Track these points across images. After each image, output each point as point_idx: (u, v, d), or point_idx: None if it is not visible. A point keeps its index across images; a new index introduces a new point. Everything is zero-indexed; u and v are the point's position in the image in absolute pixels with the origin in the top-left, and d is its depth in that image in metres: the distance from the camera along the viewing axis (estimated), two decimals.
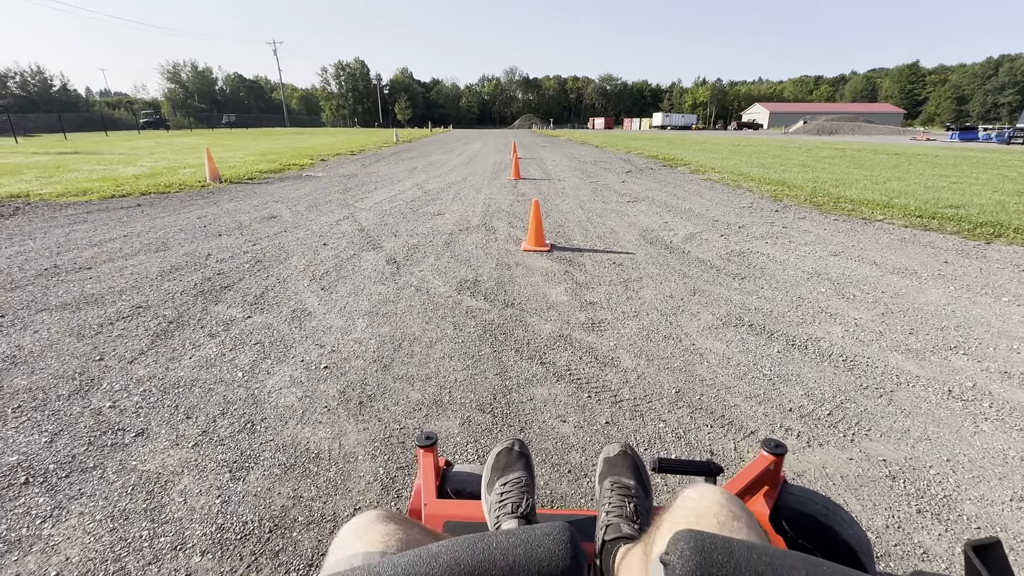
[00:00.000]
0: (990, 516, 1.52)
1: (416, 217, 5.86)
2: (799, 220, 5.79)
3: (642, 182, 9.13)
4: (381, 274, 3.78)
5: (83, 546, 1.41)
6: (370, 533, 0.55)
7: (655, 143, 23.02)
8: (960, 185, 8.59)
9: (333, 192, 7.75)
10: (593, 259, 4.20)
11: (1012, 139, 28.48)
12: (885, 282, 3.64)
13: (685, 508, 0.61)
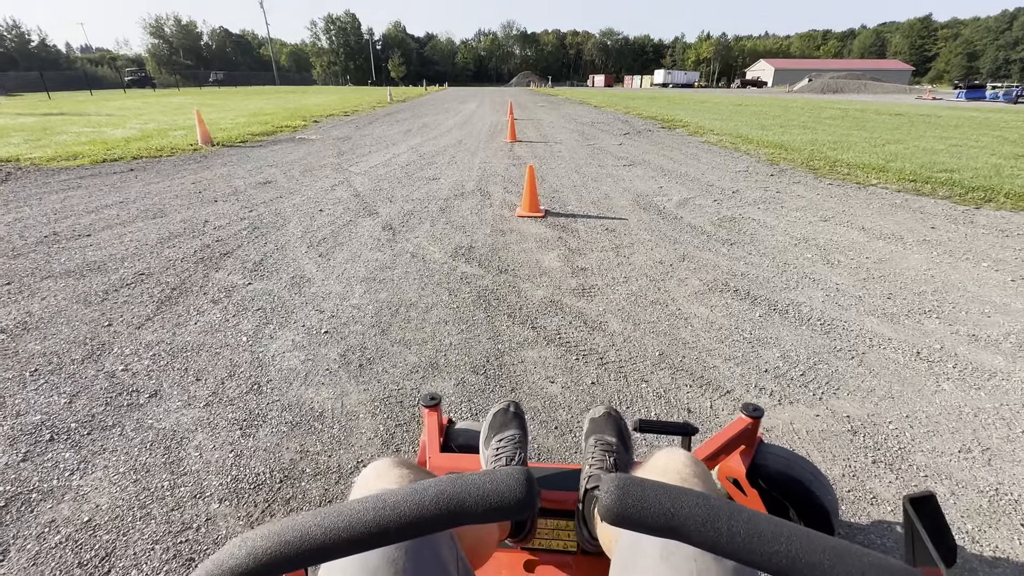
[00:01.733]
0: (938, 466, 1.67)
1: (411, 182, 5.85)
2: (793, 185, 5.81)
3: (639, 145, 9.04)
4: (377, 240, 3.84)
5: (110, 495, 1.55)
6: (388, 474, 0.65)
7: (655, 103, 22.53)
8: (959, 148, 8.54)
9: (327, 156, 7.68)
10: (586, 225, 4.26)
11: (1019, 98, 27.91)
12: (870, 248, 3.73)
13: (655, 465, 0.71)
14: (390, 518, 0.35)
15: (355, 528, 0.35)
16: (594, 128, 11.97)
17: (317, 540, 0.35)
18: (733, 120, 13.32)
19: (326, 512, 0.36)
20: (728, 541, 0.31)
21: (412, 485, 0.37)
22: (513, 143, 9.18)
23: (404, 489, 0.36)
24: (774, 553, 0.30)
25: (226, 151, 8.10)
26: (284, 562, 0.34)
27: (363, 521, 0.35)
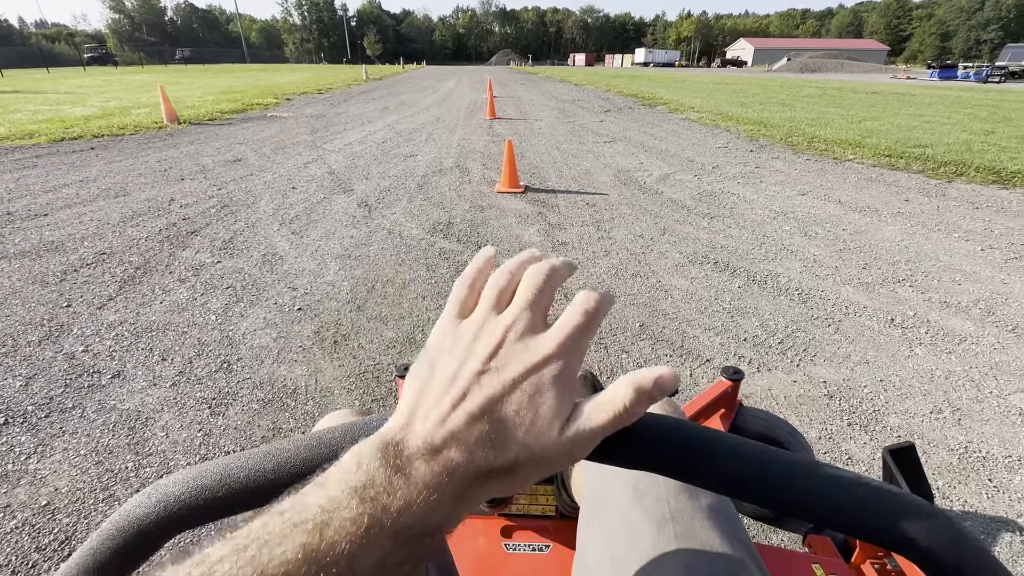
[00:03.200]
0: (910, 426, 1.70)
1: (388, 159, 5.70)
2: (772, 160, 5.84)
3: (620, 122, 8.97)
4: (353, 217, 3.74)
5: (70, 478, 1.48)
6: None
7: (636, 81, 22.37)
8: (932, 125, 8.68)
9: (301, 133, 7.43)
10: (567, 200, 4.20)
11: (989, 78, 28.52)
12: (847, 220, 3.77)
13: None
14: (325, 457, 0.29)
15: (284, 469, 0.29)
16: (575, 106, 11.83)
17: (240, 483, 0.29)
18: (713, 98, 13.31)
19: (252, 453, 0.31)
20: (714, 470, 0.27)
21: (355, 420, 0.31)
22: (492, 120, 9.01)
23: (345, 425, 0.30)
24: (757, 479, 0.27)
25: (193, 129, 7.77)
26: (203, 509, 0.29)
27: (294, 462, 0.30)
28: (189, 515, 0.30)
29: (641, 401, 0.25)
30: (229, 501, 0.30)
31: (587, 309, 0.27)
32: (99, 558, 0.30)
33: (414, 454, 0.24)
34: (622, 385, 0.26)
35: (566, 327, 0.27)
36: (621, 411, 0.25)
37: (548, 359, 0.26)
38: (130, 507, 0.30)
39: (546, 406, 0.25)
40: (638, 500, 0.49)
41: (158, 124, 7.94)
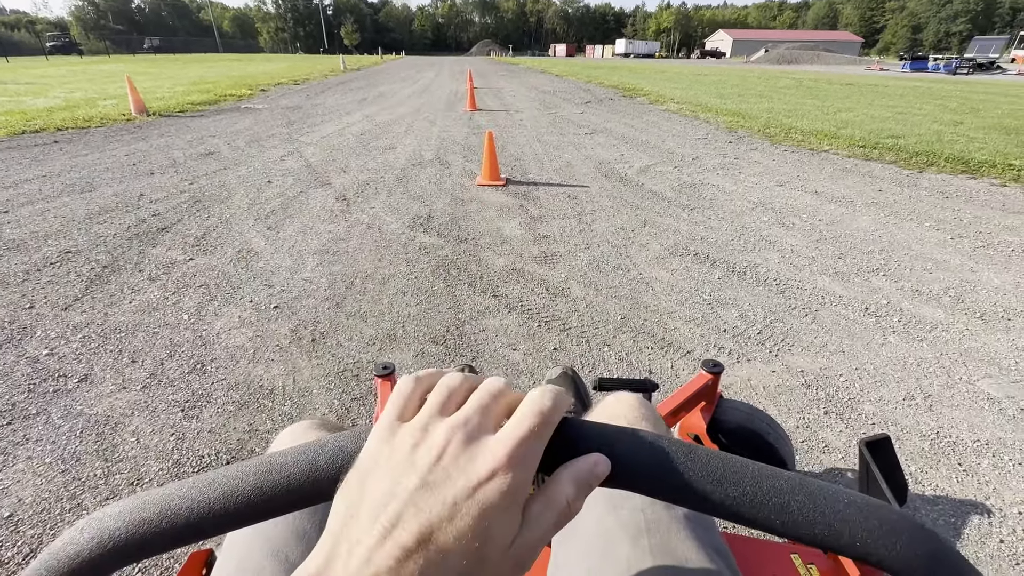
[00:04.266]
0: (884, 414, 1.73)
1: (366, 152, 5.60)
2: (751, 151, 5.90)
3: (601, 113, 8.96)
4: (331, 212, 3.66)
5: (35, 487, 1.42)
6: (305, 437, 0.59)
7: (617, 72, 22.38)
8: (904, 116, 8.88)
9: (276, 126, 7.25)
10: (548, 193, 4.19)
11: (958, 69, 29.28)
12: (823, 211, 3.83)
13: (604, 409, 0.68)
14: (276, 483, 0.28)
15: (231, 498, 0.28)
16: (555, 97, 11.78)
17: (182, 516, 0.27)
18: (693, 89, 13.39)
19: (195, 481, 0.29)
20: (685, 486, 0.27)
21: (307, 443, 0.29)
22: (473, 112, 8.92)
23: (296, 448, 0.29)
24: (740, 496, 0.26)
25: (163, 121, 7.52)
26: (140, 545, 0.27)
27: (241, 490, 0.28)
28: (127, 551, 0.27)
29: (581, 494, 0.25)
30: (171, 535, 0.28)
31: (542, 409, 0.25)
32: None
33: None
34: (563, 482, 0.25)
35: (517, 431, 0.25)
36: (565, 509, 0.24)
37: (496, 471, 0.23)
38: (61, 544, 0.28)
39: (492, 529, 0.22)
40: (613, 511, 0.48)
41: (126, 116, 7.66)
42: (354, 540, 0.22)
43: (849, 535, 0.25)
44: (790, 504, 0.26)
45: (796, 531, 0.25)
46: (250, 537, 0.47)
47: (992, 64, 30.59)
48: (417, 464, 0.24)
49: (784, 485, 0.26)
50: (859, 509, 0.25)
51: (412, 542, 0.21)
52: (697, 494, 0.26)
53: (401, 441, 0.25)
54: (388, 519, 0.22)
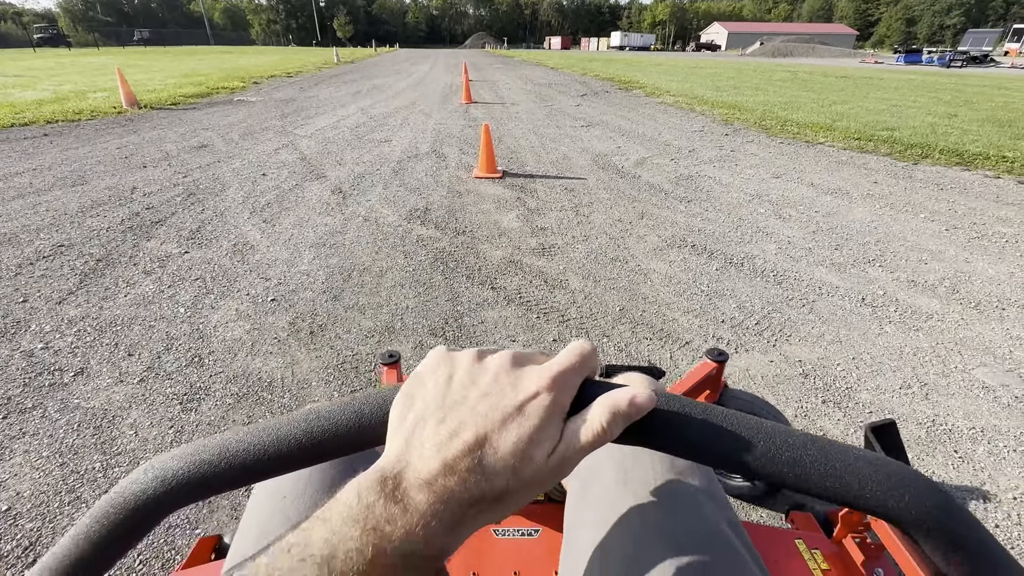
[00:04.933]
0: (881, 402, 1.75)
1: (362, 144, 5.56)
2: (747, 144, 5.90)
3: (597, 106, 8.93)
4: (327, 205, 3.64)
5: (33, 481, 1.41)
6: None
7: (612, 65, 22.29)
8: (899, 108, 8.90)
9: (270, 118, 7.18)
10: (545, 185, 4.17)
11: (951, 62, 29.35)
12: (819, 202, 3.84)
13: None
14: (325, 429, 0.31)
15: (283, 444, 0.30)
16: (551, 89, 11.73)
17: (238, 459, 0.30)
18: (689, 82, 13.36)
19: (250, 429, 0.31)
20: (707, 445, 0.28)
21: (352, 395, 0.33)
22: (468, 105, 8.86)
23: (343, 399, 0.32)
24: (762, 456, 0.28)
25: (155, 114, 7.44)
26: (200, 485, 0.30)
27: (293, 436, 0.31)
28: (188, 490, 0.30)
29: (617, 422, 0.27)
30: (228, 477, 0.30)
31: (582, 352, 0.30)
32: (93, 537, 0.30)
33: (411, 485, 0.25)
34: (600, 408, 0.28)
35: (559, 364, 0.29)
36: (600, 432, 0.27)
37: (540, 391, 0.27)
38: (127, 483, 0.31)
39: (536, 436, 0.26)
40: (626, 484, 0.48)
41: (117, 109, 7.57)
42: (424, 439, 0.26)
43: (859, 488, 0.26)
44: (803, 458, 0.27)
45: (808, 484, 0.27)
46: (281, 487, 0.51)
47: (986, 57, 30.67)
48: (476, 382, 0.29)
49: (797, 441, 0.28)
50: (869, 463, 0.27)
51: (473, 441, 0.26)
52: (718, 449, 0.28)
53: (457, 366, 0.30)
54: (453, 423, 0.26)
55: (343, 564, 0.22)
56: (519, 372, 0.29)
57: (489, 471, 0.25)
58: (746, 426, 0.28)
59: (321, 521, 0.24)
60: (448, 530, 0.25)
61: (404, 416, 0.29)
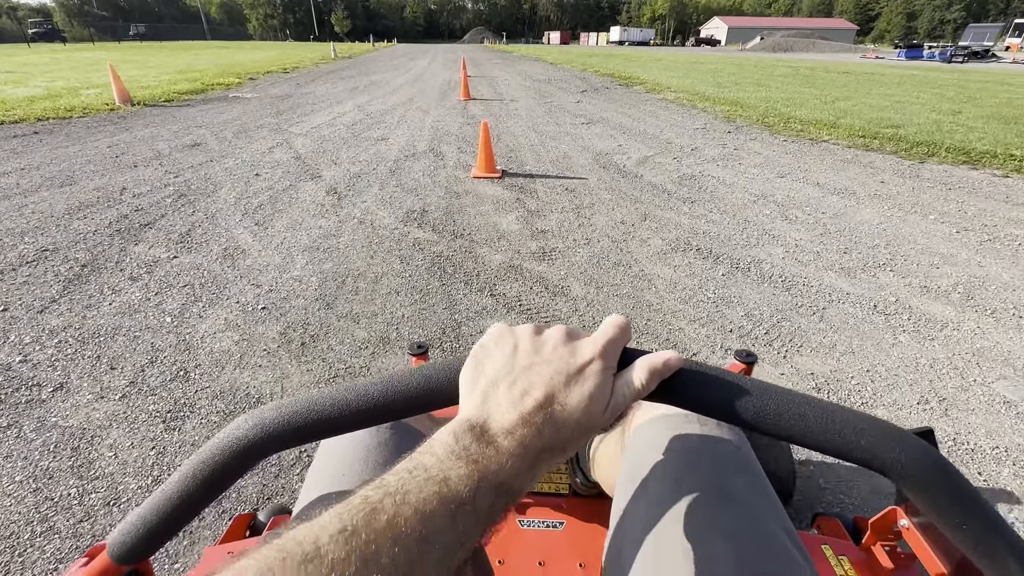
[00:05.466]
0: (898, 419, 1.67)
1: (358, 143, 5.46)
2: (750, 142, 5.81)
3: (597, 103, 8.82)
4: (321, 206, 3.54)
5: (3, 509, 1.33)
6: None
7: (612, 60, 22.13)
8: (902, 104, 8.80)
9: (264, 116, 7.06)
10: (545, 185, 4.08)
11: (953, 58, 29.19)
12: (826, 203, 3.75)
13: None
14: (399, 391, 0.36)
15: (363, 402, 0.36)
16: (551, 85, 11.60)
17: (324, 414, 0.36)
18: (690, 78, 13.24)
19: (335, 388, 0.37)
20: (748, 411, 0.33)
21: (423, 364, 0.38)
22: (467, 101, 8.75)
23: (419, 368, 0.37)
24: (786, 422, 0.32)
25: (148, 111, 7.32)
26: (292, 434, 0.36)
27: (372, 396, 0.36)
28: (282, 438, 0.36)
29: (653, 379, 0.34)
30: (315, 429, 0.36)
31: (621, 325, 0.36)
32: (199, 475, 0.36)
33: (496, 432, 0.30)
34: (640, 367, 0.34)
35: (605, 336, 0.35)
36: (639, 388, 0.33)
37: (593, 358, 0.33)
38: (229, 429, 0.36)
39: (595, 394, 0.32)
40: (680, 482, 0.48)
41: (109, 106, 7.45)
42: (499, 398, 0.32)
43: (856, 444, 0.30)
44: (807, 414, 0.32)
45: (811, 439, 0.31)
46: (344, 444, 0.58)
47: (987, 52, 30.51)
48: (539, 352, 0.34)
49: (801, 399, 0.32)
50: (868, 421, 0.31)
51: (543, 399, 0.31)
52: (732, 406, 0.33)
53: (519, 338, 0.35)
54: (523, 385, 0.32)
55: (456, 484, 0.27)
56: (574, 343, 0.35)
57: (558, 423, 0.31)
58: (758, 387, 0.33)
59: (429, 455, 0.29)
60: (528, 469, 0.30)
61: (476, 380, 0.34)
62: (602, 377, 0.33)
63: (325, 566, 0.23)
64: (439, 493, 0.27)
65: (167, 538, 0.38)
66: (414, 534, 0.25)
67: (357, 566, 0.23)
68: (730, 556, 0.41)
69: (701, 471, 0.49)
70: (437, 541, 0.26)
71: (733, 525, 0.43)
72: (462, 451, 0.29)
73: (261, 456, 0.36)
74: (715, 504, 0.45)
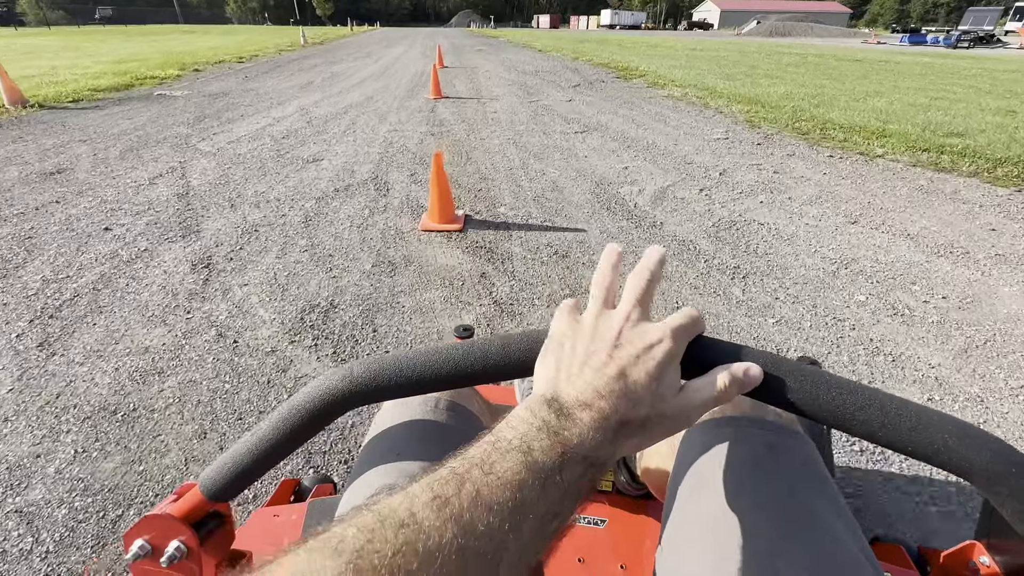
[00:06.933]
0: None
1: (279, 167, 4.12)
2: (789, 159, 4.56)
3: (593, 101, 7.48)
4: (172, 296, 2.25)
5: None
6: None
7: (605, 47, 20.62)
8: (942, 101, 7.61)
9: (180, 123, 5.66)
10: (526, 245, 2.82)
11: (958, 43, 28.06)
12: (938, 275, 2.53)
13: None
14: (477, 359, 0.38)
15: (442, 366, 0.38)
16: (538, 79, 10.21)
17: (406, 374, 0.38)
18: (693, 68, 11.89)
19: (417, 351, 0.39)
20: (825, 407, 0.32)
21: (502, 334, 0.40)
22: (437, 101, 7.36)
23: (497, 337, 0.39)
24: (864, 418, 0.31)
25: (37, 116, 5.88)
26: (375, 390, 0.38)
27: (452, 359, 0.38)
28: (366, 393, 0.38)
29: (734, 386, 0.34)
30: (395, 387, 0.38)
31: (692, 316, 0.36)
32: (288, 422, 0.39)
33: (572, 405, 0.31)
34: (722, 373, 0.34)
35: (676, 321, 0.35)
36: (722, 391, 0.33)
37: (662, 339, 0.34)
38: (319, 381, 0.39)
39: (661, 373, 0.33)
40: (747, 492, 0.44)
41: None
42: (571, 373, 0.33)
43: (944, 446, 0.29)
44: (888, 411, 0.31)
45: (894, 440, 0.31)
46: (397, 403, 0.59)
47: (992, 37, 29.36)
48: (606, 335, 0.35)
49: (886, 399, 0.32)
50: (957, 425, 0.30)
51: (615, 372, 0.32)
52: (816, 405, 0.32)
53: (585, 323, 0.37)
54: (596, 361, 0.33)
55: (540, 455, 0.28)
56: (643, 325, 0.35)
57: (633, 398, 0.32)
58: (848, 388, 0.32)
59: (509, 428, 0.30)
60: (608, 443, 0.31)
61: (548, 356, 0.35)
62: (667, 357, 0.33)
63: (423, 532, 0.24)
64: (525, 463, 0.28)
65: (253, 479, 0.40)
66: (507, 504, 0.26)
67: (453, 532, 0.24)
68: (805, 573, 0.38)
69: (771, 482, 0.44)
70: (530, 510, 0.27)
71: (811, 544, 0.40)
72: (542, 424, 0.30)
73: (345, 409, 0.38)
74: (789, 519, 0.41)
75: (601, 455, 0.30)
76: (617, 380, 0.32)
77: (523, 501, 0.26)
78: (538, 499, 0.27)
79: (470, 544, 0.24)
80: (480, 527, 0.25)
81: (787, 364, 0.34)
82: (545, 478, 0.27)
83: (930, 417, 0.30)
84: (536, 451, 0.28)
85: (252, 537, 0.73)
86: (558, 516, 0.28)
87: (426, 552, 0.23)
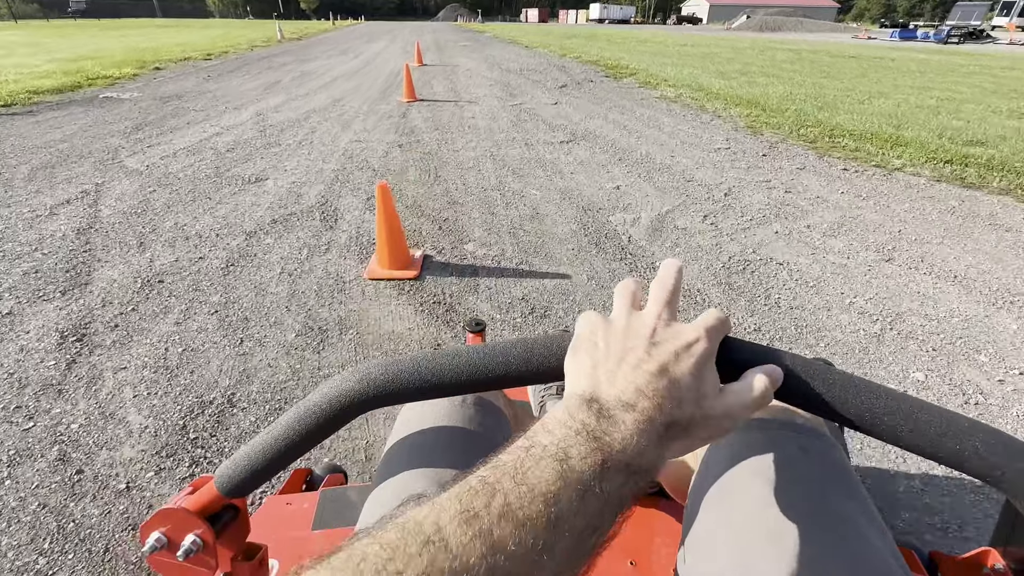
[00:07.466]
0: None
1: (214, 189, 3.53)
2: (800, 173, 4.06)
3: (581, 105, 6.93)
4: (17, 390, 1.68)
5: None
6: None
7: (594, 42, 20.03)
8: (949, 103, 7.18)
9: (113, 132, 5.02)
10: (496, 299, 2.27)
11: (948, 38, 27.88)
12: (1004, 338, 2.04)
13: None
14: (500, 363, 0.36)
15: (463, 370, 0.36)
16: (523, 78, 9.63)
17: (426, 377, 0.36)
18: (686, 66, 11.37)
19: (439, 353, 0.37)
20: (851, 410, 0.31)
21: (525, 337, 0.37)
22: (410, 104, 6.75)
23: (517, 340, 0.37)
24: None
25: None
26: (394, 393, 0.36)
27: (474, 363, 0.36)
28: (384, 395, 0.36)
29: (772, 388, 0.32)
30: (413, 390, 0.36)
31: (720, 316, 0.34)
32: (304, 421, 0.37)
33: (613, 406, 0.28)
34: (759, 375, 0.32)
35: (707, 321, 0.34)
36: (761, 394, 0.32)
37: (698, 338, 0.32)
38: (337, 380, 0.37)
39: (701, 371, 0.31)
40: (776, 497, 0.42)
41: None
42: (610, 372, 0.31)
43: (974, 454, 0.29)
44: (916, 415, 0.30)
45: (923, 445, 0.30)
46: (424, 404, 0.57)
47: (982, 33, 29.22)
48: (640, 334, 0.33)
49: (905, 399, 0.31)
50: (985, 431, 0.29)
51: (656, 370, 0.30)
52: (843, 407, 0.31)
53: (615, 323, 0.34)
54: (633, 359, 0.31)
55: (578, 463, 0.25)
56: (676, 324, 0.33)
57: (676, 396, 0.29)
58: (878, 392, 0.31)
59: (545, 432, 0.27)
60: (655, 447, 0.28)
61: (580, 356, 0.33)
62: (704, 355, 0.32)
63: (448, 551, 0.22)
64: (560, 472, 0.25)
65: (268, 476, 0.39)
66: (540, 518, 0.24)
67: (482, 552, 0.23)
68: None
69: (805, 486, 0.44)
70: (566, 526, 0.25)
71: (845, 553, 0.39)
72: (580, 427, 0.27)
73: (362, 410, 0.37)
74: (822, 527, 0.40)
75: (645, 462, 0.28)
76: (659, 377, 0.30)
77: (559, 515, 0.24)
78: (576, 513, 0.25)
79: (499, 564, 0.23)
80: (511, 546, 0.23)
81: (817, 367, 0.33)
82: (584, 489, 0.25)
83: (960, 423, 0.30)
84: (574, 458, 0.26)
85: (264, 524, 0.73)
86: (597, 530, 0.26)
87: (451, 573, 0.22)
